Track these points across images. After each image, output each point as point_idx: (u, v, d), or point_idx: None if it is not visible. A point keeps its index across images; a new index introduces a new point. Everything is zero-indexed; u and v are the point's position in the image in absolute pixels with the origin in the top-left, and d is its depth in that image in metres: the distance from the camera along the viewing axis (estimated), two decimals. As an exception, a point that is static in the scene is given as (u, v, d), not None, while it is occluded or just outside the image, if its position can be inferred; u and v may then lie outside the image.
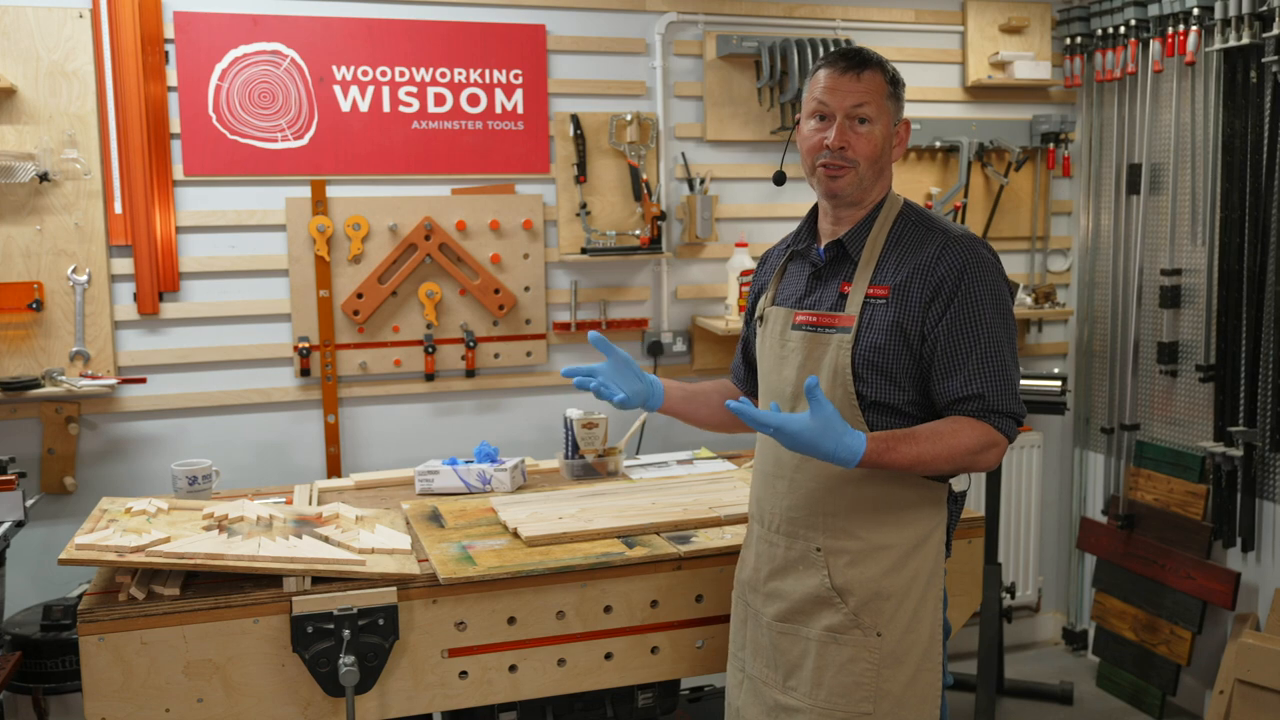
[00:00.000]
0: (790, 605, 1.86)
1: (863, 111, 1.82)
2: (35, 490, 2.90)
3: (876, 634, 1.81)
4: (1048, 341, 3.94)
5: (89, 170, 2.88)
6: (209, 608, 1.90)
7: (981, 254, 1.82)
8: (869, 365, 1.80)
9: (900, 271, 1.81)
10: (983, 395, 1.76)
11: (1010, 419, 1.79)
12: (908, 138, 1.93)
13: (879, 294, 1.81)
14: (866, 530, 1.82)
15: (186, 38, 2.95)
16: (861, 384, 1.80)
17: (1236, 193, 3.21)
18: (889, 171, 1.91)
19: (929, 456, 1.74)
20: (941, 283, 1.78)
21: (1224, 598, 3.26)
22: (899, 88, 1.88)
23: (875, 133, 1.83)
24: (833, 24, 3.52)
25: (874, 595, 1.81)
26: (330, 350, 3.12)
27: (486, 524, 2.33)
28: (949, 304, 1.78)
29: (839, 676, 1.81)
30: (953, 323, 1.77)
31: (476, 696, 2.07)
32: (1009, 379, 1.78)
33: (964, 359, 1.77)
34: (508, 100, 3.23)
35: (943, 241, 1.81)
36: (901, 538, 1.83)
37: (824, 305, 1.87)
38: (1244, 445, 3.22)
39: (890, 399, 1.81)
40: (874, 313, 1.81)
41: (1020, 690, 3.61)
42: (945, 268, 1.79)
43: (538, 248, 3.28)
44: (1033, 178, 3.82)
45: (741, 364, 2.21)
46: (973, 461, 1.77)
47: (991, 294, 1.79)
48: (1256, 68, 3.12)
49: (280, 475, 3.11)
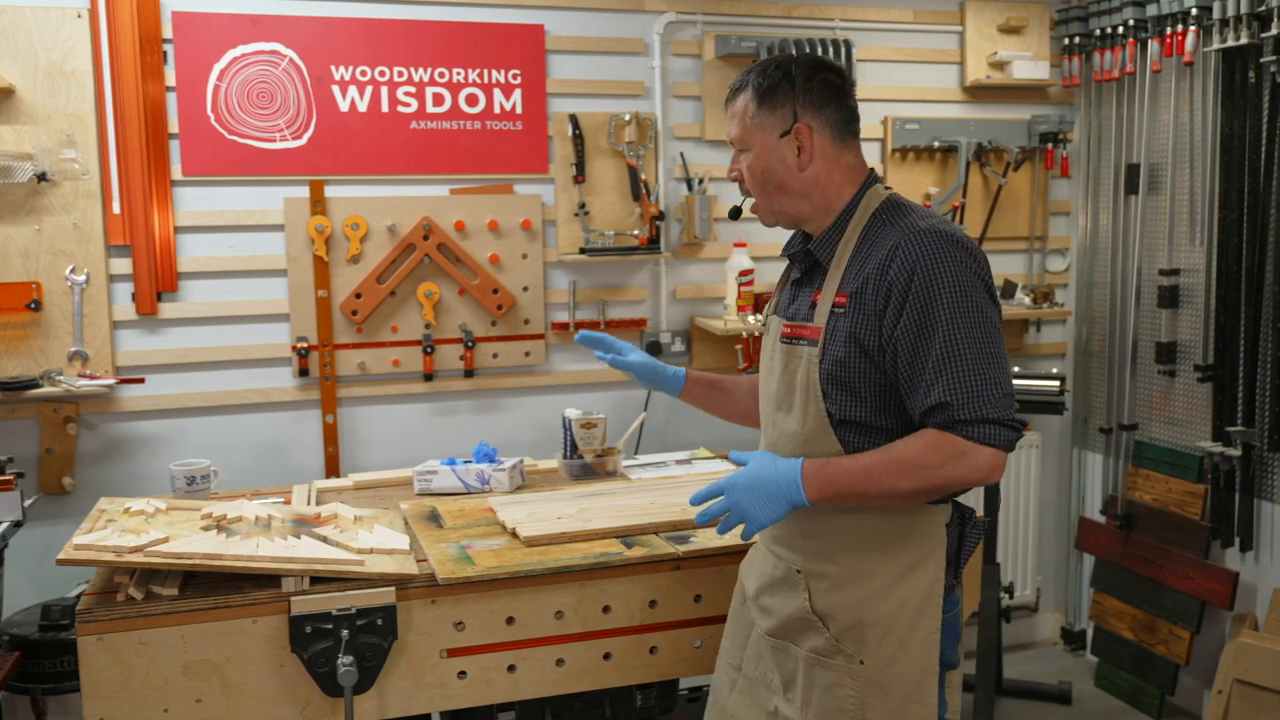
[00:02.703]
0: (779, 622, 1.81)
1: (738, 144, 1.79)
2: (33, 490, 2.90)
3: (860, 661, 1.71)
4: (1046, 341, 3.95)
5: (87, 170, 2.88)
6: (208, 608, 1.90)
7: (941, 246, 1.62)
8: (832, 380, 1.69)
9: (859, 277, 1.67)
10: (946, 403, 1.59)
11: (988, 425, 1.58)
12: (811, 137, 1.73)
13: (840, 303, 1.69)
14: (846, 555, 1.73)
15: (185, 38, 2.95)
16: (830, 402, 1.69)
17: (1235, 193, 3.22)
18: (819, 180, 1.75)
19: (877, 470, 1.62)
20: (893, 285, 1.63)
21: (1222, 597, 3.26)
22: (771, 97, 1.73)
23: (751, 161, 1.77)
24: (831, 24, 3.52)
25: (856, 622, 1.71)
26: (329, 350, 3.12)
27: (485, 524, 2.33)
28: (902, 308, 1.62)
29: (824, 699, 1.74)
30: (907, 328, 1.61)
31: (475, 696, 2.06)
32: (980, 380, 1.58)
33: (922, 365, 1.60)
34: (506, 100, 3.23)
35: (897, 239, 1.64)
36: (886, 565, 1.71)
37: (799, 315, 1.79)
38: (1242, 445, 3.22)
39: (857, 415, 1.69)
40: (836, 323, 1.69)
41: (1019, 690, 3.61)
42: (897, 268, 1.62)
43: (536, 248, 3.28)
44: (1031, 178, 3.82)
45: None
46: (939, 478, 1.60)
47: (950, 288, 1.60)
48: (1255, 68, 3.12)
49: (279, 475, 3.11)
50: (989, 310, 1.64)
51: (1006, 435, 1.60)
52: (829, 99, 1.75)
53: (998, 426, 1.59)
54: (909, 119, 3.62)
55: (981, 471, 1.59)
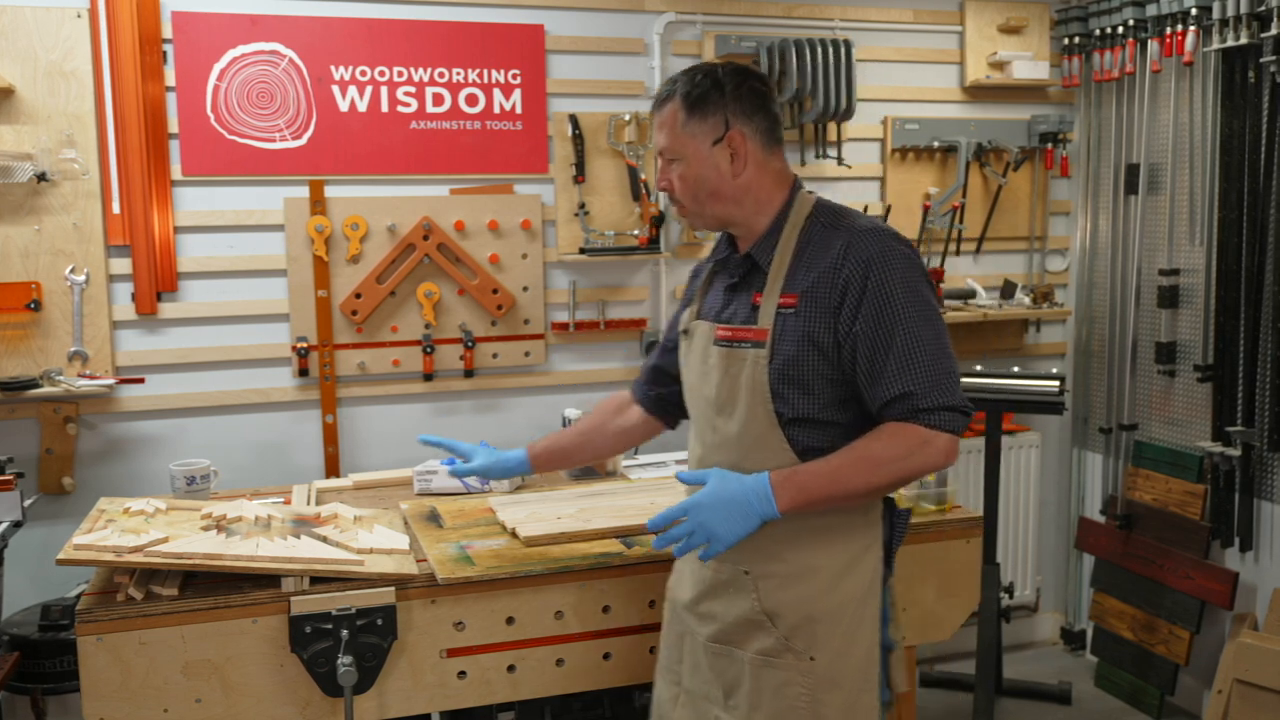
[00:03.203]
0: (723, 627, 1.80)
1: (666, 154, 1.79)
2: (33, 490, 2.90)
3: (810, 658, 1.73)
4: (1046, 341, 3.95)
5: (87, 170, 2.88)
6: (207, 608, 1.90)
7: (889, 244, 1.70)
8: (784, 380, 1.71)
9: (807, 277, 1.72)
10: (910, 393, 1.65)
11: (947, 412, 1.66)
12: (744, 143, 1.76)
13: (788, 303, 1.72)
14: (793, 552, 1.74)
15: (185, 38, 2.95)
16: (780, 401, 1.72)
17: (1235, 193, 3.22)
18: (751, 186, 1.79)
19: (846, 471, 1.66)
20: (848, 283, 1.68)
21: (1222, 597, 3.26)
22: (701, 105, 1.75)
23: (683, 169, 1.77)
24: (831, 24, 3.52)
25: (805, 619, 1.74)
26: (329, 350, 3.12)
27: (485, 524, 2.33)
28: (859, 304, 1.67)
29: (774, 701, 1.75)
30: (866, 323, 1.67)
31: (475, 696, 2.06)
32: (937, 370, 1.66)
33: (884, 358, 1.66)
34: (506, 100, 3.23)
35: (846, 240, 1.71)
36: (831, 559, 1.75)
37: (738, 319, 1.79)
38: (1242, 445, 3.22)
39: (809, 412, 1.72)
40: (785, 323, 1.72)
41: (1019, 690, 3.61)
42: (850, 266, 1.68)
43: (536, 248, 3.28)
44: (1031, 178, 3.82)
45: (654, 368, 2.12)
46: (905, 469, 1.66)
47: (902, 284, 1.67)
48: (1255, 68, 3.12)
49: (279, 475, 3.11)
50: (934, 303, 1.72)
51: (963, 421, 1.68)
52: (757, 106, 1.79)
53: (955, 413, 1.67)
54: (909, 119, 3.62)
55: (943, 456, 1.67)
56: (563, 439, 2.20)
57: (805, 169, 3.53)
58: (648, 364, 2.16)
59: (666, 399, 2.12)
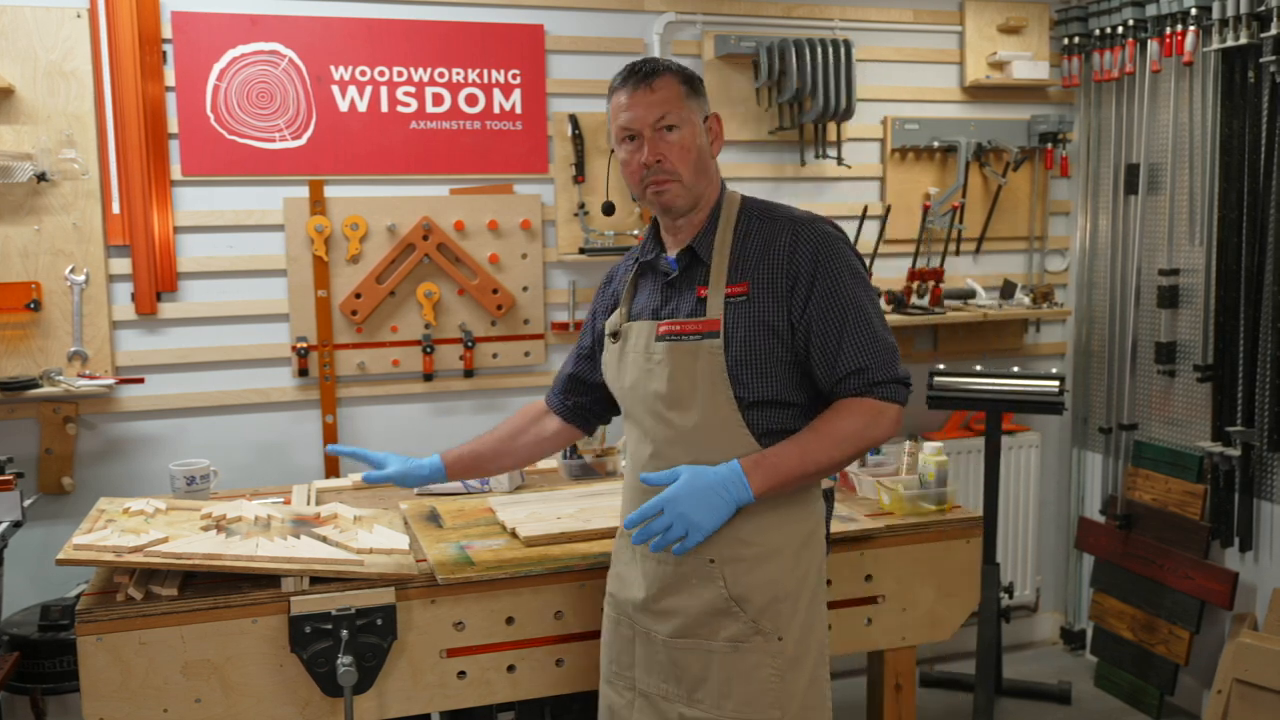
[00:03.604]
0: (687, 620, 1.82)
1: (666, 121, 1.79)
2: (33, 490, 2.90)
3: (778, 638, 1.79)
4: (1046, 341, 3.95)
5: (87, 170, 2.88)
6: (207, 608, 1.90)
7: (828, 231, 1.82)
8: (743, 365, 1.79)
9: (757, 266, 1.80)
10: (865, 368, 1.77)
11: (896, 384, 1.79)
12: (722, 130, 1.90)
13: (738, 292, 1.80)
14: (758, 535, 1.80)
15: (184, 37, 2.95)
16: (740, 387, 1.79)
17: (1234, 193, 3.22)
18: (714, 169, 1.89)
19: (814, 449, 1.75)
20: (799, 270, 1.78)
21: (1222, 597, 3.26)
22: (694, 84, 1.84)
23: (685, 137, 1.80)
24: (830, 24, 3.52)
25: (772, 600, 1.79)
26: (328, 350, 3.12)
27: (485, 524, 2.33)
28: (811, 288, 1.77)
29: (745, 685, 1.79)
30: (819, 305, 1.77)
31: (475, 696, 2.07)
32: (885, 346, 1.79)
33: (838, 337, 1.77)
34: (506, 100, 3.23)
35: (791, 229, 1.81)
36: (790, 537, 1.82)
37: (682, 313, 1.84)
38: (1242, 445, 3.22)
39: (767, 394, 1.80)
40: (736, 311, 1.79)
41: (1018, 690, 3.61)
42: (802, 254, 1.78)
43: (536, 248, 3.28)
44: (1031, 178, 3.82)
45: (570, 376, 2.14)
46: (864, 440, 1.78)
47: (848, 267, 1.80)
48: (1254, 68, 3.12)
49: (278, 475, 3.11)
50: (870, 284, 1.86)
51: (905, 393, 1.82)
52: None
53: (901, 385, 1.80)
54: (908, 119, 3.62)
55: (893, 426, 1.79)
56: (479, 446, 2.17)
57: (805, 169, 3.53)
58: (562, 373, 2.17)
59: (584, 407, 2.15)
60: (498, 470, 2.23)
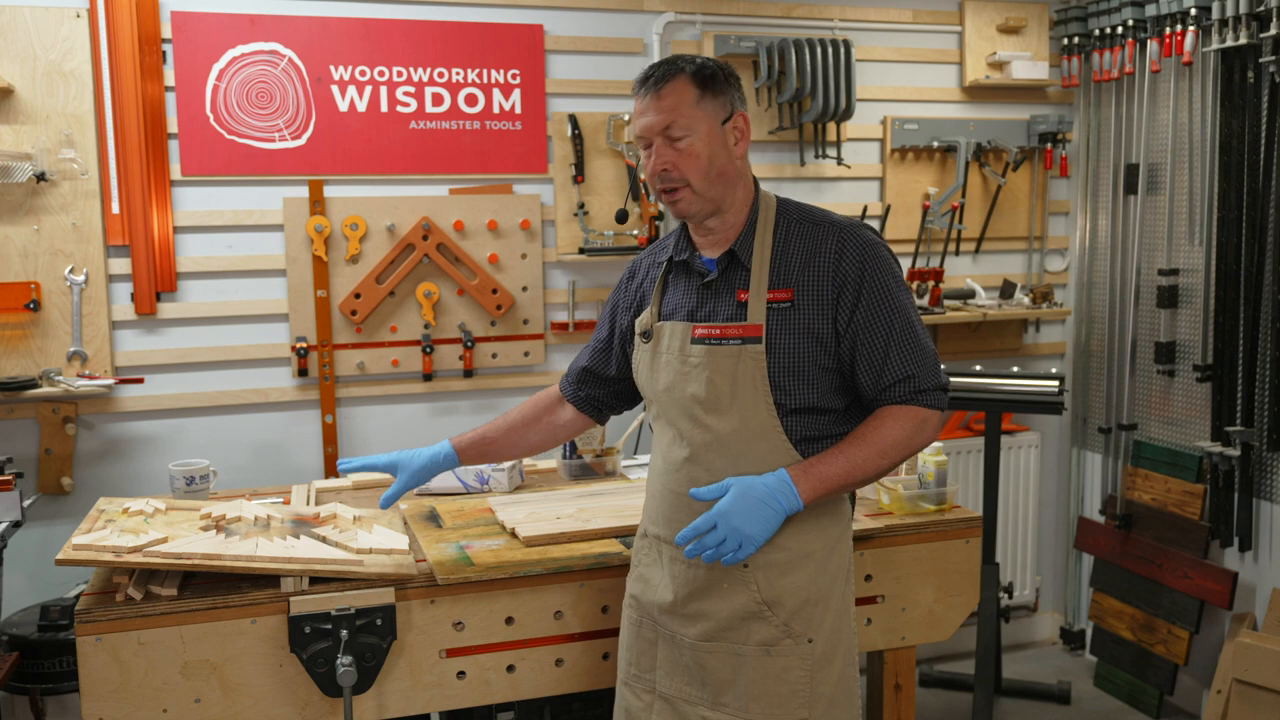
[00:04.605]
0: (716, 624, 1.81)
1: (672, 131, 1.77)
2: (32, 490, 2.90)
3: (808, 640, 1.80)
4: (1045, 341, 3.95)
5: (86, 170, 2.88)
6: (206, 608, 1.90)
7: (872, 238, 1.81)
8: (786, 372, 1.77)
9: (802, 273, 1.78)
10: (912, 375, 1.77)
11: (939, 391, 1.80)
12: (748, 129, 1.83)
13: (781, 298, 1.78)
14: (792, 540, 1.79)
15: (184, 37, 2.95)
16: (780, 393, 1.78)
17: (1234, 193, 3.22)
18: (740, 170, 1.83)
19: (860, 458, 1.75)
20: (845, 277, 1.77)
21: (1221, 597, 3.26)
22: (713, 84, 1.78)
23: (695, 145, 1.76)
24: (830, 24, 3.52)
25: (804, 603, 1.80)
26: (328, 350, 3.12)
27: (484, 524, 2.33)
28: (858, 296, 1.77)
29: (774, 687, 1.79)
30: (866, 313, 1.77)
31: (474, 696, 2.06)
32: (929, 353, 1.79)
33: (885, 345, 1.76)
34: (505, 100, 3.23)
35: (837, 234, 1.79)
36: (822, 541, 1.82)
37: (721, 316, 1.82)
38: (1241, 445, 3.22)
39: (809, 401, 1.79)
40: (780, 318, 1.78)
41: (1018, 690, 3.61)
42: (848, 262, 1.77)
43: (535, 248, 3.28)
44: (1030, 178, 3.82)
45: (584, 369, 2.11)
46: (909, 448, 1.78)
47: (893, 275, 1.79)
48: (1254, 68, 3.12)
49: (278, 475, 3.11)
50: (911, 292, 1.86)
51: (945, 399, 1.82)
52: (743, 99, 1.86)
53: (943, 392, 1.81)
54: (908, 119, 3.62)
55: (935, 432, 1.81)
56: (491, 432, 2.14)
57: (805, 169, 3.53)
58: (576, 365, 2.15)
59: (598, 399, 2.13)
60: (509, 457, 2.19)
